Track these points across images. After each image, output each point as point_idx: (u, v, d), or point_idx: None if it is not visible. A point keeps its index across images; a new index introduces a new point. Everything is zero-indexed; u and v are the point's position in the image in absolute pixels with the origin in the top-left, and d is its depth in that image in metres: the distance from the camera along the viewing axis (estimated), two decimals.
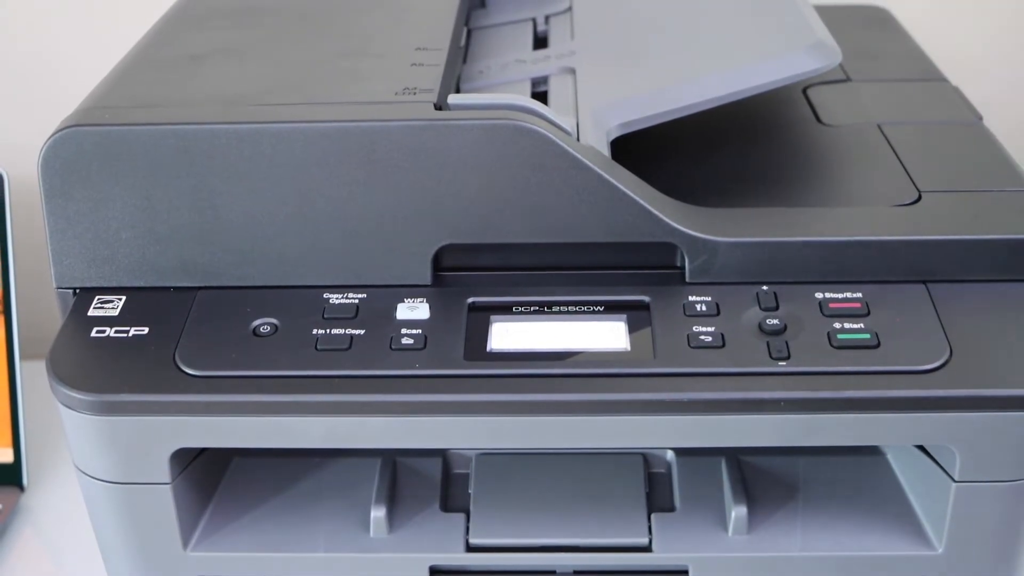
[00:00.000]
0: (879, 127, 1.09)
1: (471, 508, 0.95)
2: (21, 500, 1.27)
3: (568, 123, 0.97)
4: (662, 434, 0.88)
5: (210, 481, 0.97)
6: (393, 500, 0.96)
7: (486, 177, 0.88)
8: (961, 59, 1.34)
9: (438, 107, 0.93)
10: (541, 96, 1.09)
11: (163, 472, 0.90)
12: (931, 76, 1.20)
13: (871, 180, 1.01)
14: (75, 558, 1.18)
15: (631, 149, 0.98)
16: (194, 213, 0.93)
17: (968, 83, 1.21)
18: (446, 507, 0.97)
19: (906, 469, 0.95)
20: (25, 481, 1.28)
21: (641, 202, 0.92)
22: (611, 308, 0.92)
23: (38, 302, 1.26)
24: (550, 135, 0.90)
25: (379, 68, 1.01)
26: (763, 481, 0.96)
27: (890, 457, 0.97)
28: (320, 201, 0.91)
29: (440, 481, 0.98)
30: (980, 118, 1.11)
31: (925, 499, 0.93)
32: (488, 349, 0.89)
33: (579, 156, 0.91)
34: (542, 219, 0.90)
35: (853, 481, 0.96)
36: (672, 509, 0.95)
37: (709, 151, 1.06)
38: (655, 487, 0.97)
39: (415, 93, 0.95)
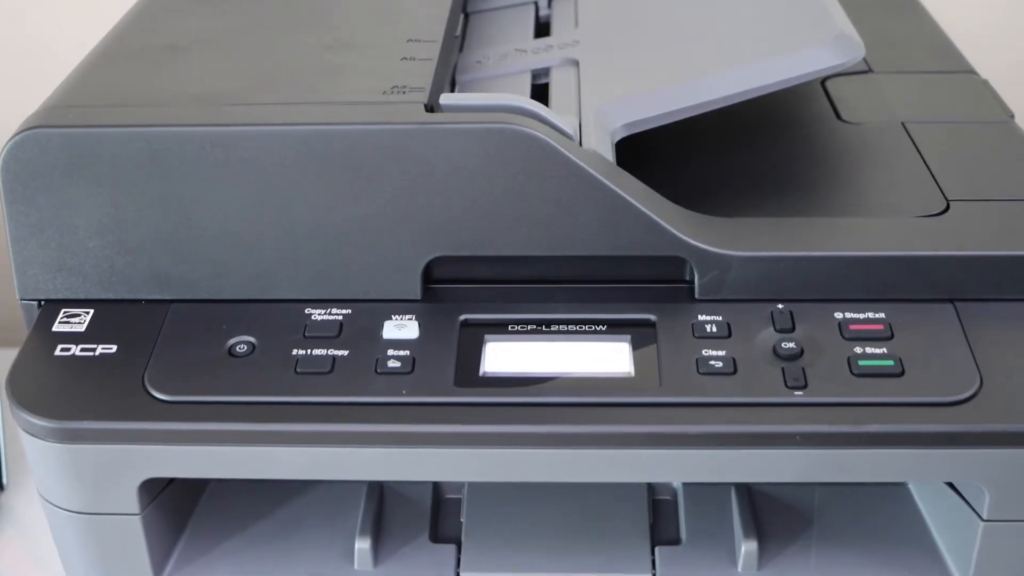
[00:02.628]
0: (903, 125, 1.02)
1: (463, 538, 0.89)
2: (1, 499, 1.21)
3: (570, 124, 0.90)
4: (668, 469, 0.82)
5: (183, 509, 0.90)
6: (379, 529, 0.90)
7: (480, 185, 0.83)
8: (990, 48, 1.26)
9: (429, 108, 0.87)
10: (542, 89, 1.02)
11: (132, 503, 0.84)
12: (958, 67, 1.13)
13: (895, 187, 0.94)
14: (55, 557, 1.12)
15: (636, 149, 0.92)
16: (165, 222, 0.86)
17: (998, 75, 1.13)
18: (436, 537, 0.90)
19: (930, 503, 0.89)
20: (4, 480, 1.22)
21: (648, 213, 0.85)
22: (614, 327, 0.86)
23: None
24: (549, 140, 0.83)
25: (366, 62, 0.93)
26: (776, 511, 0.90)
27: (913, 489, 0.91)
28: (301, 209, 0.85)
29: (430, 508, 0.92)
30: (1011, 116, 1.03)
31: (950, 536, 0.86)
32: (481, 373, 0.83)
33: (581, 163, 0.84)
34: (540, 230, 0.85)
35: (873, 514, 0.89)
36: (678, 542, 0.89)
37: (720, 152, 0.99)
38: (660, 516, 0.90)
39: (404, 92, 0.88)
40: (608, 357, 0.84)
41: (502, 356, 0.84)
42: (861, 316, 0.84)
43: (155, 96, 0.89)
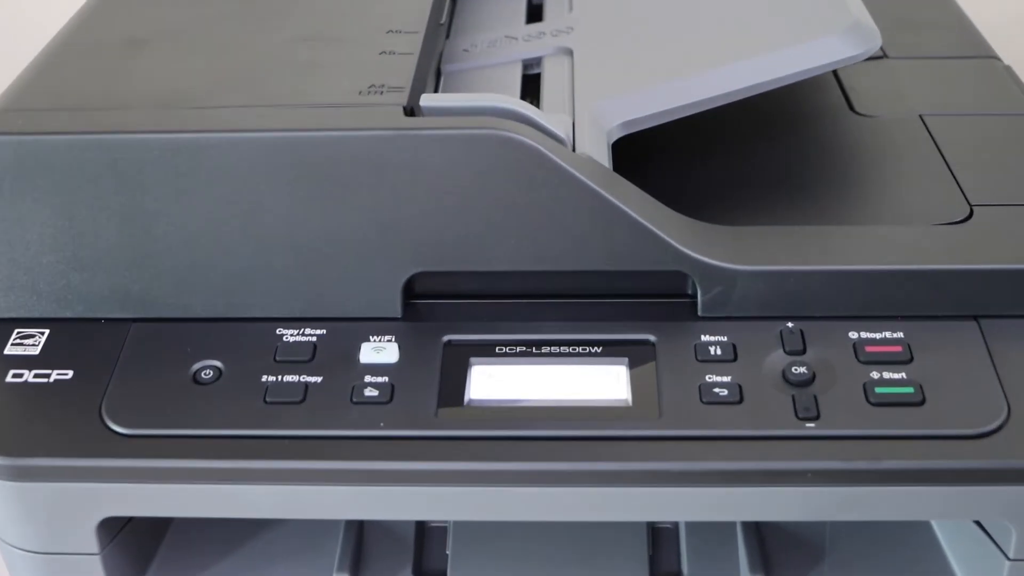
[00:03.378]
0: (921, 119, 0.95)
1: (448, 572, 0.83)
2: None
3: (562, 125, 0.83)
4: (668, 508, 0.75)
5: (147, 546, 0.84)
6: (359, 564, 0.83)
7: (465, 195, 0.78)
8: (1013, 30, 1.17)
9: (409, 111, 0.80)
10: (533, 80, 0.95)
11: (91, 542, 0.78)
12: (979, 52, 1.05)
13: (914, 190, 0.87)
14: None
15: (634, 148, 0.85)
16: (125, 235, 0.80)
17: (1022, 59, 1.06)
18: (420, 571, 0.84)
19: (953, 540, 0.83)
20: None
21: (647, 224, 0.78)
22: (610, 348, 0.79)
23: None
24: (539, 147, 0.77)
25: (342, 57, 0.86)
26: (785, 544, 0.83)
27: (935, 524, 0.84)
28: (272, 222, 0.79)
29: (413, 538, 0.85)
30: None
31: (974, 575, 0.80)
32: (465, 400, 0.77)
33: (573, 171, 0.77)
34: (530, 244, 0.79)
35: (890, 549, 0.83)
36: (679, 575, 0.83)
37: (724, 152, 0.92)
38: (660, 548, 0.84)
39: (382, 92, 0.81)
40: (603, 382, 0.78)
41: (488, 381, 0.78)
42: (878, 336, 0.78)
43: (113, 98, 0.82)
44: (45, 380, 0.78)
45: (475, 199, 0.78)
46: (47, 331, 0.81)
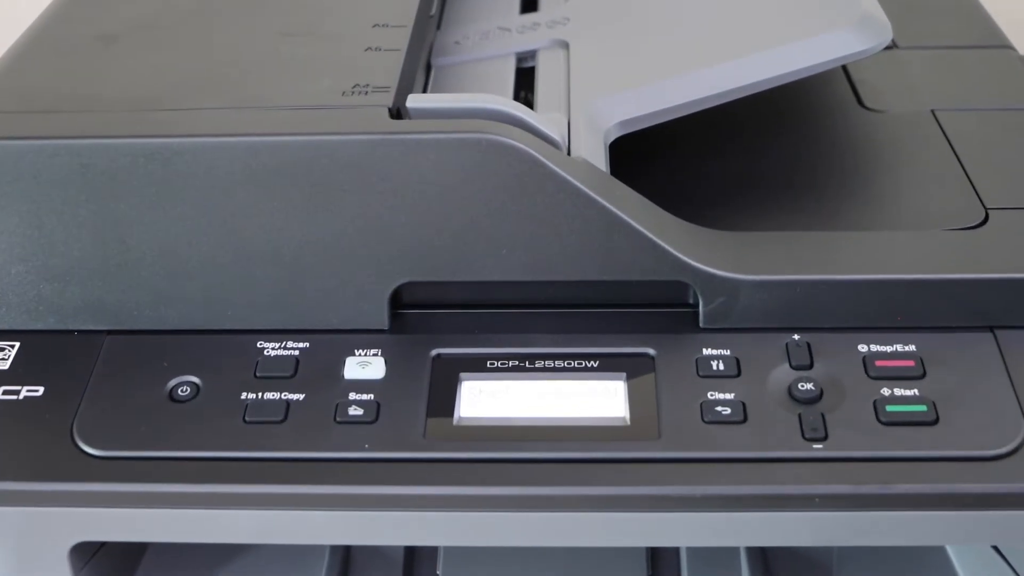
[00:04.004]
0: (933, 114, 0.91)
1: None
2: None
3: (557, 125, 0.79)
4: (669, 533, 0.72)
5: (124, 567, 0.80)
6: None
7: (455, 202, 0.75)
8: None
9: (395, 112, 0.77)
10: (527, 74, 0.91)
11: (63, 568, 0.74)
12: (993, 41, 1.01)
13: (926, 192, 0.83)
14: None
15: (631, 148, 0.82)
16: (98, 244, 0.76)
17: None
18: None
19: (969, 564, 0.79)
20: None
21: (646, 233, 0.75)
22: (608, 362, 0.76)
23: None
24: (533, 152, 0.73)
25: (325, 54, 0.82)
26: (790, 567, 0.80)
27: (950, 549, 0.80)
28: (251, 230, 0.75)
29: (402, 558, 0.82)
30: None
31: None
32: (455, 419, 0.73)
33: (569, 178, 0.74)
34: (523, 253, 0.76)
35: (902, 574, 0.79)
36: None
37: (727, 152, 0.88)
38: (659, 566, 0.80)
39: (367, 93, 0.77)
40: (601, 400, 0.74)
41: (479, 398, 0.75)
42: (888, 349, 0.75)
43: (83, 100, 0.78)
44: (15, 397, 0.75)
45: (465, 206, 0.74)
46: (17, 344, 0.78)
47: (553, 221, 0.74)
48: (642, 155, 0.83)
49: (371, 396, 0.74)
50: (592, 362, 0.76)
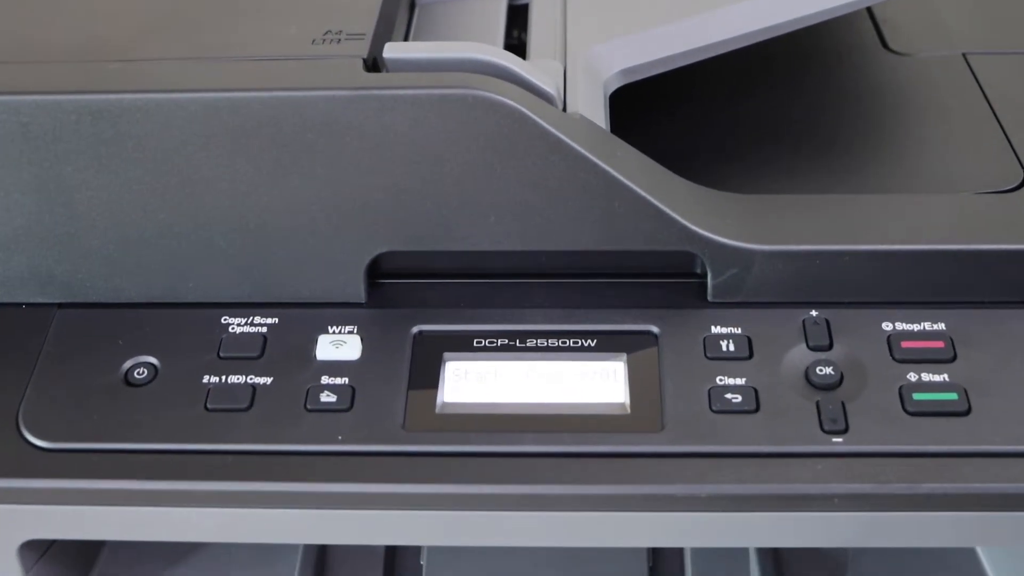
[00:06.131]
0: (965, 58, 0.84)
1: None
2: None
3: (551, 75, 0.73)
4: (672, 534, 0.67)
5: (79, 564, 0.76)
6: None
7: (437, 164, 0.69)
8: None
9: (371, 64, 0.71)
10: (520, 13, 0.84)
11: (13, 566, 0.70)
12: None
13: (957, 149, 0.77)
14: None
15: (632, 99, 0.76)
16: (43, 210, 0.70)
17: None
18: None
19: (1000, 565, 0.74)
20: None
21: (649, 198, 0.69)
22: (607, 340, 0.70)
23: None
24: (523, 109, 0.67)
25: None
26: (804, 562, 0.74)
27: (980, 549, 0.75)
28: (212, 195, 0.70)
29: (383, 555, 0.76)
30: None
31: None
32: (438, 405, 0.68)
33: (563, 138, 0.68)
34: (513, 220, 0.70)
35: (925, 573, 0.74)
36: None
37: (739, 104, 0.82)
38: (661, 563, 0.75)
39: (339, 41, 0.71)
40: (598, 383, 0.69)
41: (465, 381, 0.69)
42: (916, 328, 0.69)
43: (22, 50, 0.72)
44: None
45: (449, 169, 0.69)
46: None
47: (546, 185, 0.69)
48: (646, 109, 0.78)
49: (345, 380, 0.69)
50: (590, 340, 0.71)
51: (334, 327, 0.71)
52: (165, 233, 0.70)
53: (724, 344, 0.69)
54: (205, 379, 0.69)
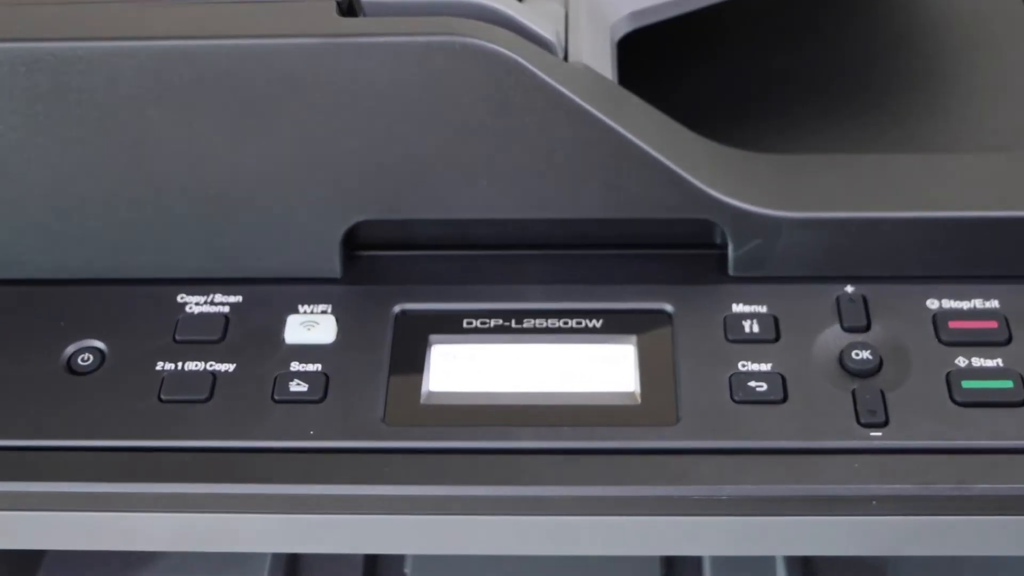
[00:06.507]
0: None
1: None
2: None
3: (551, 20, 0.73)
4: (689, 541, 0.67)
5: (20, 571, 0.75)
6: None
7: (421, 121, 0.69)
8: None
9: (346, 8, 0.71)
10: None
11: None
12: None
13: (1013, 100, 0.77)
14: None
15: (644, 45, 0.76)
16: None
17: None
18: None
19: None
20: None
21: (661, 159, 0.69)
22: (614, 321, 0.70)
23: None
24: (519, 58, 0.68)
25: None
26: (835, 569, 0.75)
27: None
28: (166, 157, 0.70)
29: (362, 570, 0.77)
30: None
31: None
32: (423, 395, 0.68)
33: (564, 91, 0.68)
34: (507, 184, 0.70)
35: None
36: None
37: (763, 51, 0.83)
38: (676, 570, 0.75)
39: None
40: (605, 369, 0.69)
41: (453, 367, 0.70)
42: (965, 306, 0.69)
43: None
44: None
45: (434, 126, 0.69)
46: None
47: (544, 144, 0.69)
48: (658, 58, 0.78)
49: (318, 366, 0.69)
50: (595, 321, 0.71)
51: (305, 306, 0.71)
52: (112, 200, 0.71)
53: (747, 325, 0.69)
54: (159, 366, 0.69)
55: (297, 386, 0.67)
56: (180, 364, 0.69)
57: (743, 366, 0.67)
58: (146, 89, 0.68)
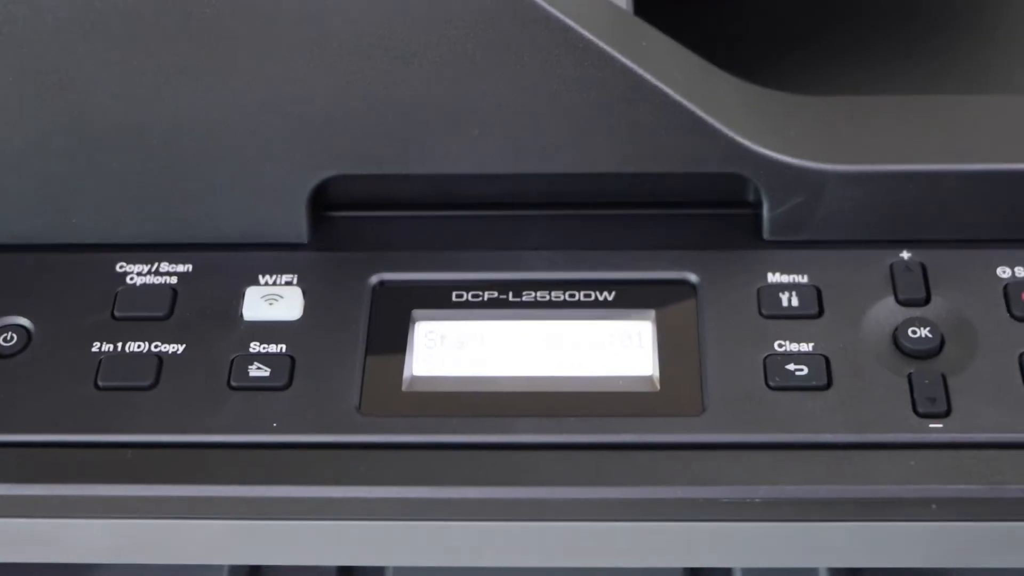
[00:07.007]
0: None
1: None
2: None
3: None
4: (716, 551, 0.67)
5: None
6: None
7: (402, 58, 0.69)
8: None
9: None
10: None
11: None
12: None
13: None
14: None
15: None
16: None
17: None
18: None
19: None
20: None
21: (685, 103, 0.68)
22: (628, 293, 0.70)
23: None
24: None
25: None
26: None
27: None
28: (100, 98, 0.71)
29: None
30: None
31: None
32: (406, 381, 0.68)
33: (571, 23, 0.68)
34: (503, 134, 0.70)
35: None
36: None
37: None
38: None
39: None
40: (618, 350, 0.69)
41: (441, 348, 0.70)
42: None
43: None
44: None
45: (417, 65, 0.69)
46: None
47: (547, 87, 0.69)
48: None
49: (282, 347, 0.69)
50: (606, 293, 0.71)
51: (266, 276, 0.72)
52: (38, 151, 0.72)
53: (785, 297, 0.70)
54: (95, 347, 0.70)
55: (257, 370, 0.68)
56: (120, 345, 0.69)
57: (780, 346, 0.68)
58: (75, 19, 0.67)
